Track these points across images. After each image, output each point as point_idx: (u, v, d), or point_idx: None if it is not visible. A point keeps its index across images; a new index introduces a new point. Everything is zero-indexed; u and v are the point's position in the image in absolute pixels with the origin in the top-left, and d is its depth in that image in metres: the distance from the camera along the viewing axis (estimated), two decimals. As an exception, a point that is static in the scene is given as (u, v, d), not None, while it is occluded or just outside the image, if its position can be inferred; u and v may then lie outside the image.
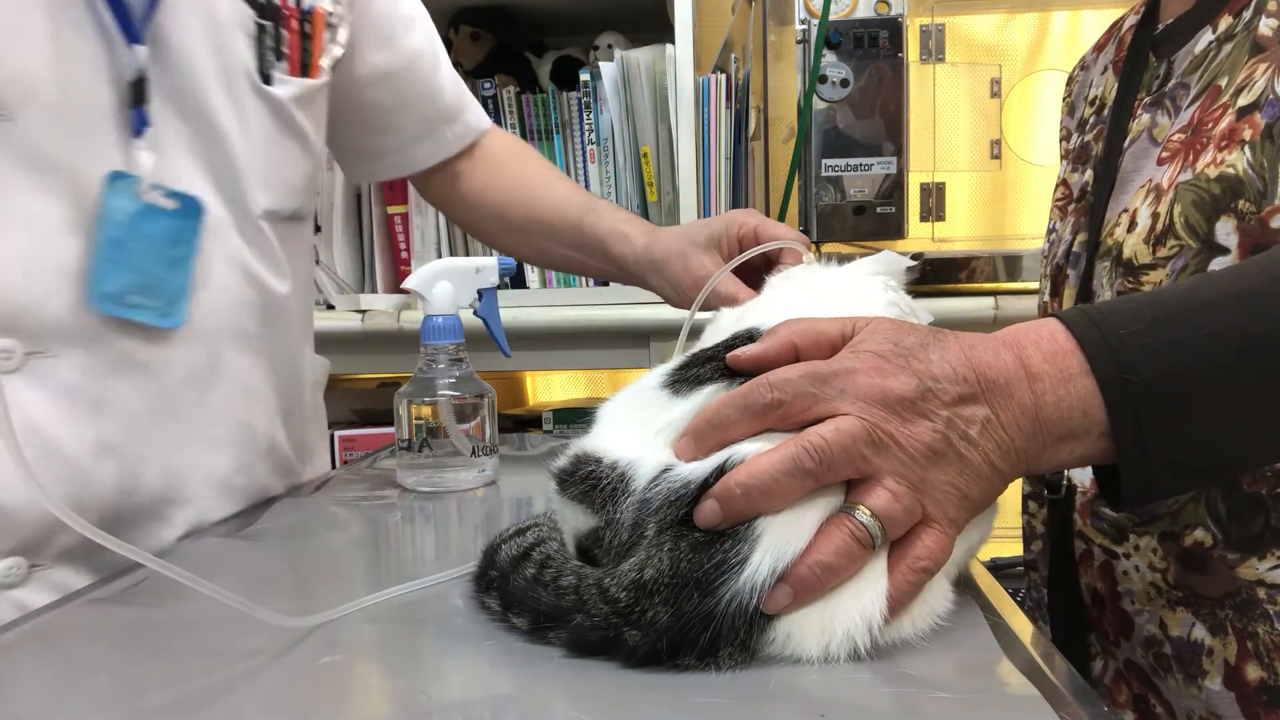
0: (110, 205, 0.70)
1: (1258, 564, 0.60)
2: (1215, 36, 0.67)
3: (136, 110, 0.71)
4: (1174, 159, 0.65)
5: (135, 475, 0.73)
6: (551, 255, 1.07)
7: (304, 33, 0.83)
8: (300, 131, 0.84)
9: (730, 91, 1.61)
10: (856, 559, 0.45)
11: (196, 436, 0.77)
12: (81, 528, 0.48)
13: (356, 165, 1.07)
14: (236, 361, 0.80)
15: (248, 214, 0.79)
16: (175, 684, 0.47)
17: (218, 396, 0.78)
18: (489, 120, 1.08)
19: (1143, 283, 0.65)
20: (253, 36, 0.78)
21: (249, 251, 0.80)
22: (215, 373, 0.78)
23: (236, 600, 0.50)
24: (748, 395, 0.47)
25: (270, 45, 0.80)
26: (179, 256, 0.74)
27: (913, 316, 0.61)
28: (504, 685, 0.46)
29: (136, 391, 0.73)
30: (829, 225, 1.55)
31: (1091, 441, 0.48)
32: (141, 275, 0.72)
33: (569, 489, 0.51)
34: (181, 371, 0.75)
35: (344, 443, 1.68)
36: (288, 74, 0.82)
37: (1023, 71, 1.89)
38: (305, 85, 0.83)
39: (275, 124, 0.81)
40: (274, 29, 0.80)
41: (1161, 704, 0.67)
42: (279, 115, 0.81)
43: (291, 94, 0.82)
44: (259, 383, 0.83)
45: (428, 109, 1.02)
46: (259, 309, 0.81)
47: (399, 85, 0.98)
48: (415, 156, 1.04)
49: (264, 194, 0.80)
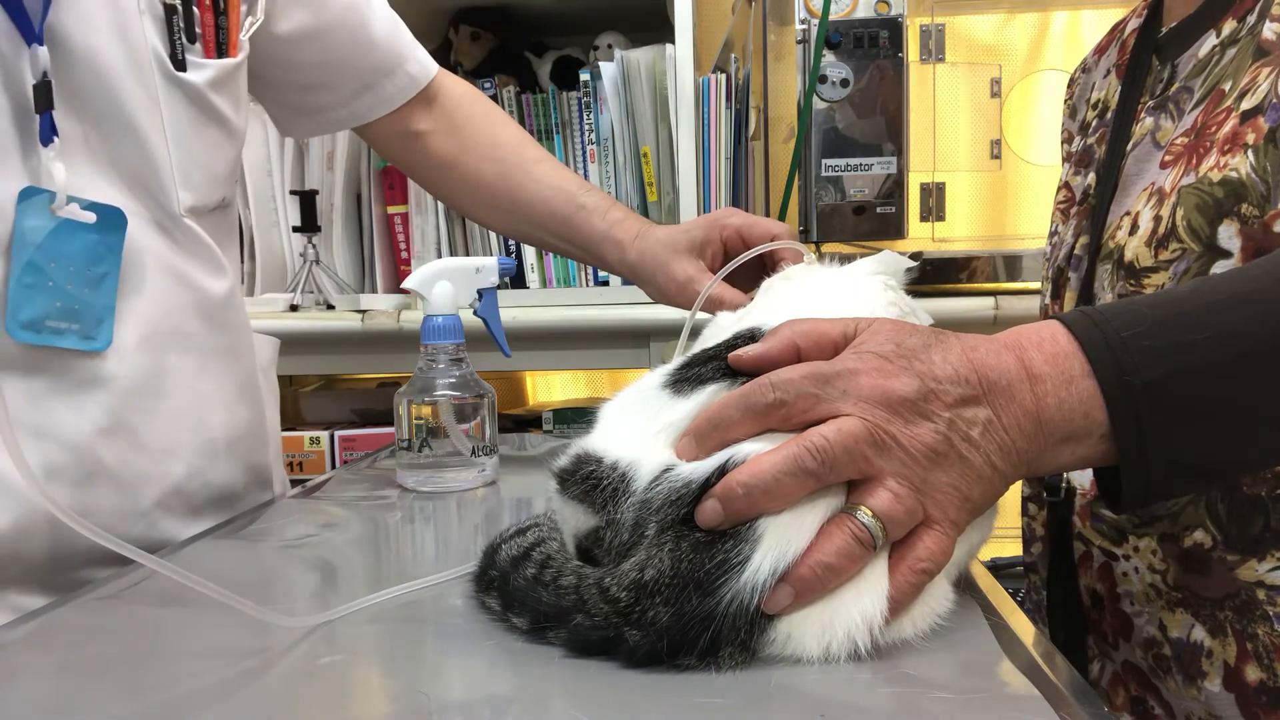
0: (22, 225, 0.65)
1: (1257, 565, 0.60)
2: (1219, 40, 0.67)
3: (43, 117, 0.65)
4: (1177, 162, 0.65)
5: (87, 496, 0.70)
6: (535, 239, 1.05)
7: (217, 9, 0.76)
8: (220, 116, 0.78)
9: (730, 91, 1.61)
10: (857, 559, 0.45)
11: (148, 448, 0.74)
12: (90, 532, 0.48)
13: (294, 122, 1.01)
14: (181, 365, 0.76)
15: (172, 214, 0.75)
16: (175, 684, 0.47)
17: (167, 404, 0.75)
18: (434, 67, 1.02)
19: (1144, 286, 0.65)
20: (161, 20, 0.72)
21: (178, 253, 0.76)
22: (160, 381, 0.75)
23: (236, 600, 0.50)
24: (750, 395, 0.47)
25: (181, 27, 0.74)
26: (101, 274, 0.70)
27: (913, 317, 0.61)
28: (504, 685, 0.46)
29: (79, 412, 0.69)
30: (829, 225, 1.55)
31: (1093, 443, 0.48)
32: (62, 298, 0.67)
33: (570, 489, 0.51)
34: (125, 385, 0.72)
35: (344, 443, 1.68)
36: (203, 56, 0.76)
37: (1023, 71, 1.89)
38: (223, 66, 0.77)
39: (193, 113, 0.76)
40: (184, 9, 0.74)
41: (1161, 705, 0.67)
42: (197, 103, 0.76)
43: (209, 78, 0.76)
44: (209, 381, 0.79)
45: (362, 63, 0.96)
46: (197, 308, 0.78)
47: (327, 41, 0.93)
48: (355, 111, 0.98)
49: (187, 191, 0.76)
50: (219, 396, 0.81)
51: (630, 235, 0.95)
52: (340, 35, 0.93)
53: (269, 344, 0.98)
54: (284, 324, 1.53)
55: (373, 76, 0.97)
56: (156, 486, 0.75)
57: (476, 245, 1.68)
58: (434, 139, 1.02)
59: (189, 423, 0.78)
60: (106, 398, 0.71)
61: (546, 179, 1.00)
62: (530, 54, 1.83)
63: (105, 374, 0.71)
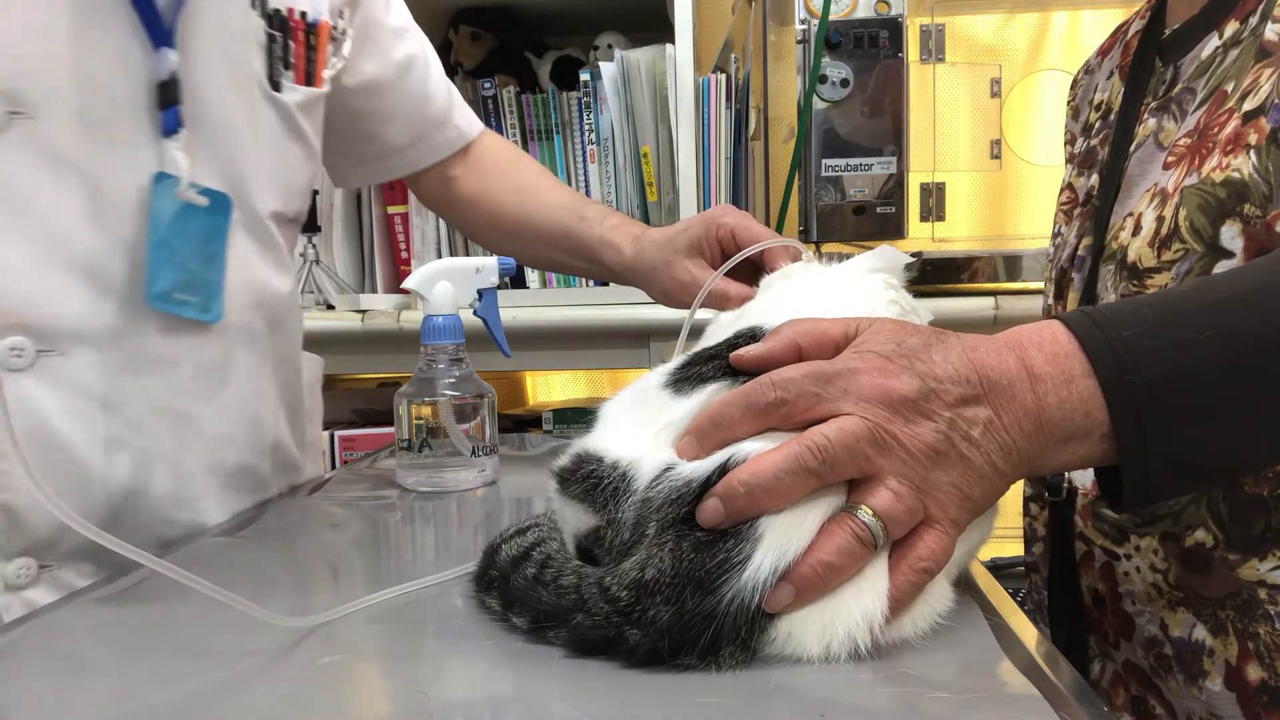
0: (156, 207, 0.72)
1: (1259, 565, 0.60)
2: (1221, 42, 0.67)
3: (169, 111, 0.72)
4: (1179, 163, 0.65)
5: (144, 473, 0.74)
6: (544, 260, 1.09)
7: (309, 44, 0.86)
8: (305, 137, 0.86)
9: (730, 91, 1.61)
10: (858, 558, 0.45)
11: (205, 435, 0.78)
12: (82, 528, 0.48)
13: (347, 171, 1.08)
14: (245, 360, 0.81)
15: (256, 215, 0.81)
16: (175, 684, 0.47)
17: (228, 395, 0.79)
18: (480, 125, 1.10)
19: (1147, 286, 0.65)
20: (263, 46, 0.81)
21: (258, 252, 0.82)
22: (226, 371, 0.79)
23: (236, 600, 0.50)
24: (751, 394, 0.47)
25: (279, 55, 0.82)
26: (213, 252, 0.76)
27: (913, 315, 0.60)
28: (504, 685, 0.46)
29: (146, 390, 0.73)
30: (829, 225, 1.55)
31: (1093, 443, 0.48)
32: (185, 272, 0.74)
33: (570, 488, 0.51)
34: (191, 370, 0.76)
35: (344, 443, 1.68)
36: (294, 82, 0.84)
37: (1023, 71, 1.89)
38: (310, 93, 0.86)
39: (283, 129, 0.83)
40: (282, 40, 0.83)
41: (1162, 705, 0.67)
42: (286, 121, 0.84)
43: (298, 101, 0.84)
44: (265, 381, 0.84)
45: (417, 115, 1.04)
46: (266, 308, 0.83)
47: (388, 94, 1.00)
48: (406, 160, 1.06)
49: (272, 196, 0.82)
50: (272, 398, 0.85)
51: (627, 238, 0.97)
52: (403, 88, 1.01)
53: (315, 363, 1.02)
54: (284, 324, 1.53)
55: (426, 128, 1.05)
56: (208, 475, 0.79)
57: (476, 246, 1.68)
58: (463, 180, 1.09)
59: (245, 417, 0.82)
60: (175, 380, 0.75)
61: (554, 200, 1.06)
62: (530, 54, 1.83)
63: (176, 357, 0.75)
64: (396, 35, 1.00)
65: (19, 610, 0.67)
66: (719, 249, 0.88)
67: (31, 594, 0.69)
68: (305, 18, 0.85)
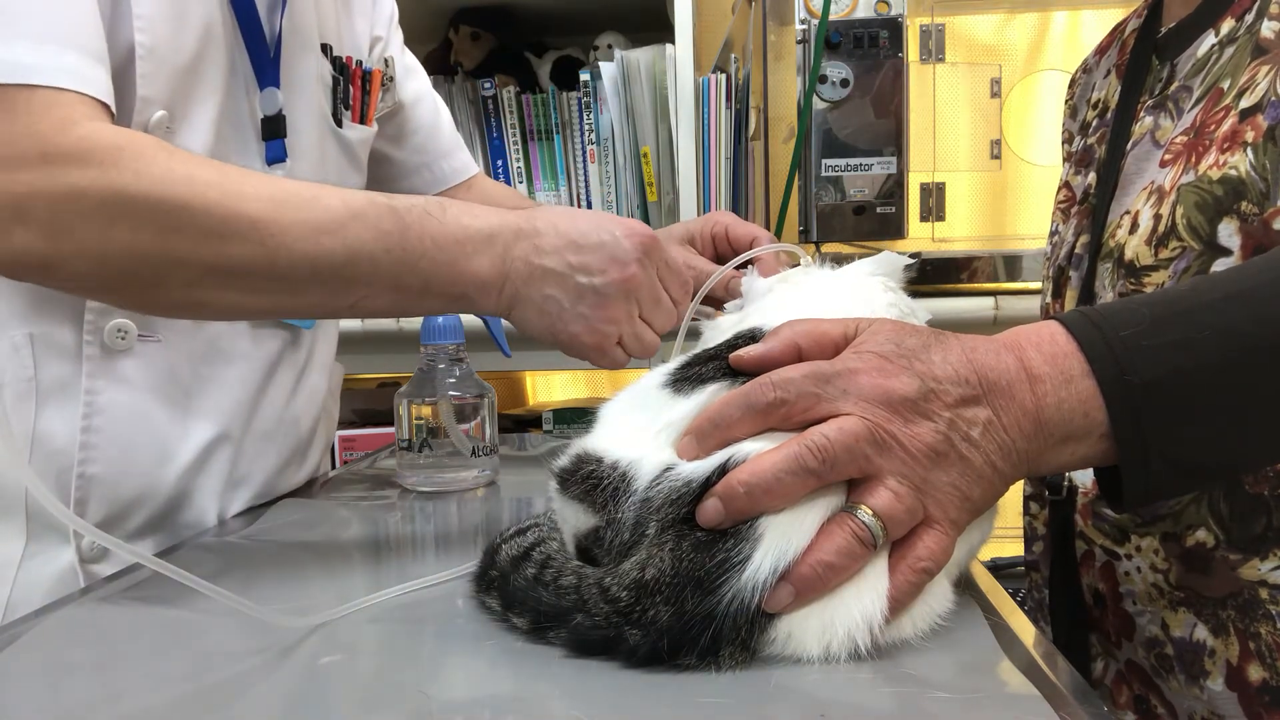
0: None
1: (1260, 564, 0.60)
2: (1218, 40, 0.67)
3: (274, 142, 0.81)
4: (1176, 161, 0.65)
5: (208, 457, 0.79)
6: None
7: (364, 88, 0.96)
8: (361, 168, 0.96)
9: (730, 91, 1.60)
10: (858, 558, 0.45)
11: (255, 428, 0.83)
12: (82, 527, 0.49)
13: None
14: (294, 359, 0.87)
15: None
16: (175, 684, 0.47)
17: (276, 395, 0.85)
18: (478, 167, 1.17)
19: (1145, 284, 0.65)
20: (329, 87, 0.89)
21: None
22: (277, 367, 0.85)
23: (236, 600, 0.50)
24: (750, 394, 0.47)
25: (341, 97, 0.91)
26: None
27: (912, 317, 0.61)
28: (504, 685, 0.46)
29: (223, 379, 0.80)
30: (829, 225, 1.55)
31: (1093, 443, 0.48)
32: None
33: (570, 488, 0.51)
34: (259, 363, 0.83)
35: (344, 443, 1.68)
36: (352, 121, 0.93)
37: (1023, 71, 1.89)
38: (365, 131, 0.96)
39: (346, 160, 0.92)
40: (344, 84, 0.92)
41: (1163, 704, 0.67)
42: (347, 152, 0.92)
43: (356, 137, 0.93)
44: (305, 383, 0.90)
45: (427, 144, 1.09)
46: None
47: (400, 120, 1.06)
48: (412, 184, 1.10)
49: None
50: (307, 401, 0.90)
51: None
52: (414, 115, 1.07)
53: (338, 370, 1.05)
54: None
55: (432, 156, 1.10)
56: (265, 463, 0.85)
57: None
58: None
59: (287, 414, 0.87)
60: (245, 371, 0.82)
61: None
62: (530, 54, 1.83)
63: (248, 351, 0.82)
64: (409, 71, 1.07)
65: (85, 581, 0.72)
66: (711, 244, 0.90)
67: (99, 568, 0.74)
68: (361, 65, 0.94)
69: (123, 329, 0.73)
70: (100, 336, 0.73)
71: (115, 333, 0.73)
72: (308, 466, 0.94)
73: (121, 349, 0.73)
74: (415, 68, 1.09)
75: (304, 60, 0.85)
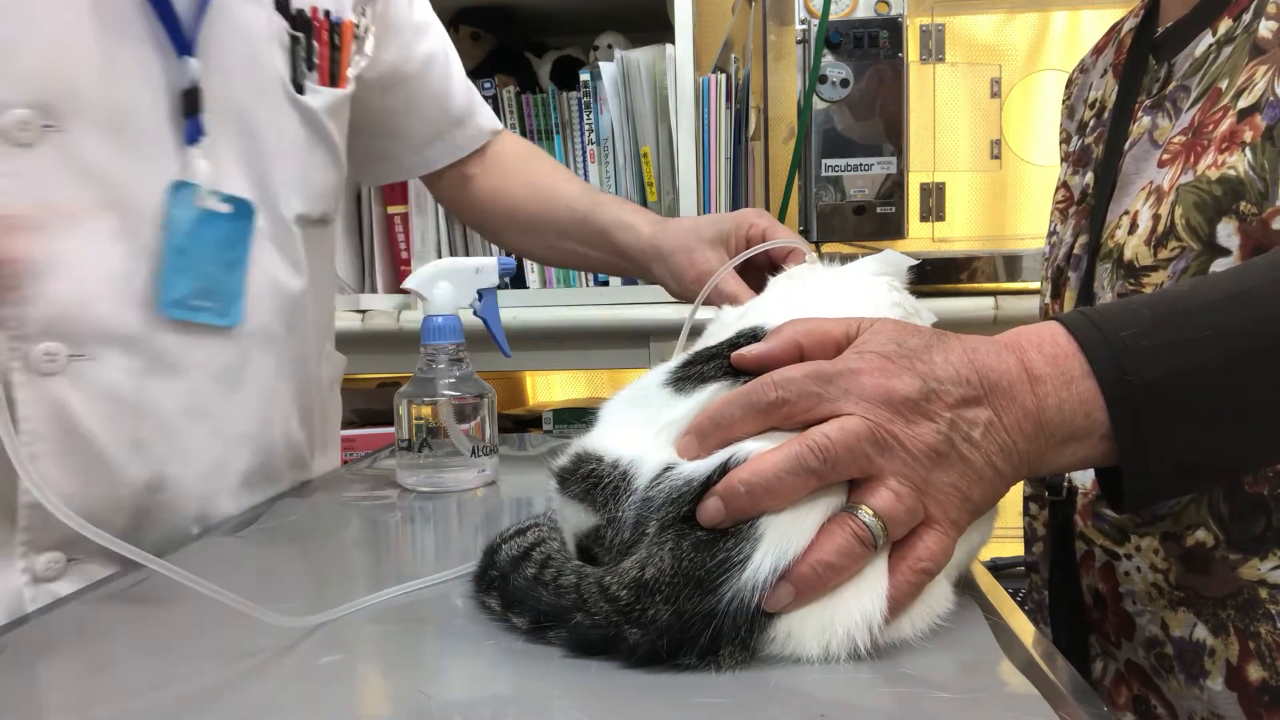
0: (173, 215, 0.73)
1: (1259, 564, 0.60)
2: (1215, 39, 0.67)
3: (191, 119, 0.73)
4: (1175, 161, 0.65)
5: (167, 471, 0.75)
6: (557, 251, 1.08)
7: (333, 44, 0.86)
8: (330, 139, 0.87)
9: (730, 91, 1.61)
10: (858, 558, 0.45)
11: (222, 435, 0.79)
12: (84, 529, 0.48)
13: (366, 168, 1.07)
14: (262, 362, 0.82)
15: (281, 218, 0.82)
16: (175, 684, 0.47)
17: (243, 396, 0.80)
18: (498, 122, 1.09)
19: (1144, 284, 0.65)
20: (286, 48, 0.81)
21: (278, 255, 0.82)
22: (243, 373, 0.80)
23: (236, 600, 0.50)
24: (752, 393, 0.47)
25: (303, 56, 0.82)
26: (235, 258, 0.77)
27: (916, 317, 0.60)
28: (504, 685, 0.46)
29: (169, 392, 0.74)
30: (829, 225, 1.55)
31: (1093, 443, 0.48)
32: (203, 279, 0.75)
33: (570, 487, 0.51)
34: (214, 371, 0.77)
35: (344, 443, 1.67)
36: (318, 84, 0.84)
37: (1023, 71, 1.89)
38: (335, 95, 0.86)
39: (307, 132, 0.84)
40: (306, 41, 0.82)
41: (1163, 704, 0.67)
42: (311, 124, 0.84)
43: (323, 104, 0.84)
44: (280, 382, 0.85)
45: (438, 113, 1.03)
46: (283, 311, 0.83)
47: (410, 91, 1.00)
48: (425, 159, 1.05)
49: (297, 199, 0.83)
50: (287, 400, 0.86)
51: (645, 220, 0.97)
52: (422, 83, 1.01)
53: (337, 362, 1.02)
54: (284, 324, 1.53)
55: (445, 125, 1.04)
56: (225, 473, 0.80)
57: (476, 245, 1.68)
58: (480, 179, 1.09)
59: (260, 418, 0.83)
60: (196, 382, 0.76)
61: (570, 189, 1.06)
62: (530, 54, 1.83)
63: (199, 359, 0.76)
64: (419, 31, 1.00)
65: (44, 601, 0.69)
66: (746, 248, 0.86)
67: (58, 586, 0.70)
68: (329, 16, 0.84)
69: (51, 352, 0.68)
70: (26, 360, 0.67)
71: (43, 356, 0.68)
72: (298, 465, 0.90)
73: (52, 371, 0.68)
74: (427, 24, 1.01)
75: (244, 17, 0.77)
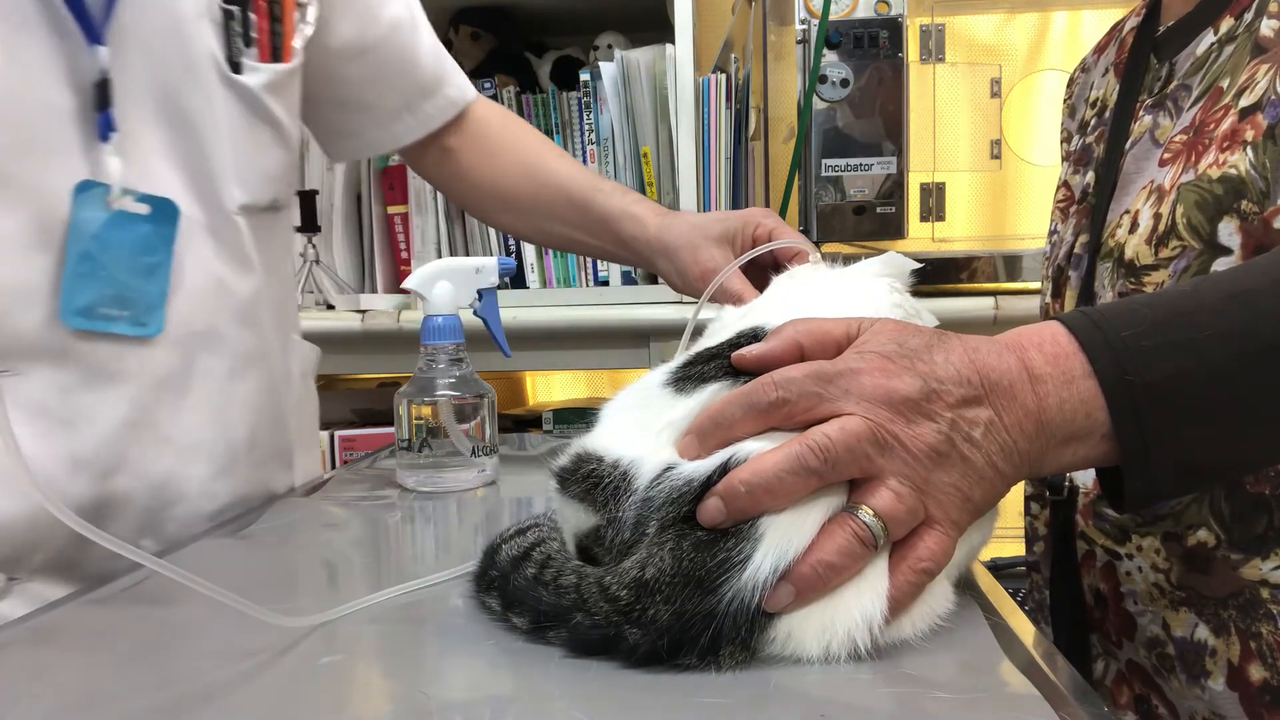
0: (79, 217, 0.68)
1: (1261, 564, 0.60)
2: (1217, 38, 0.67)
3: (102, 114, 0.68)
4: (1176, 160, 0.65)
5: (109, 489, 0.71)
6: (549, 235, 1.04)
7: (273, 15, 0.79)
8: (274, 120, 0.80)
9: (730, 91, 1.60)
10: (859, 558, 0.45)
11: (173, 445, 0.75)
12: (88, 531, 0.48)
13: (334, 143, 1.03)
14: (211, 365, 0.78)
15: (222, 211, 0.77)
16: (175, 684, 0.47)
17: (192, 402, 0.76)
18: (473, 91, 1.04)
19: (1145, 284, 0.65)
20: (219, 24, 0.75)
21: (220, 253, 0.78)
22: (189, 379, 0.76)
23: (236, 600, 0.50)
24: (752, 393, 0.47)
25: (238, 31, 0.76)
26: (154, 263, 0.72)
27: (917, 319, 0.60)
28: (504, 685, 0.46)
29: (108, 404, 0.71)
30: (829, 225, 1.55)
31: (1094, 443, 0.48)
32: (114, 286, 0.70)
33: (570, 487, 0.51)
34: (153, 381, 0.73)
35: (344, 443, 1.68)
36: (258, 60, 0.78)
37: (1023, 71, 1.89)
38: (277, 71, 0.80)
39: (247, 114, 0.78)
40: (241, 14, 0.76)
41: (1164, 704, 0.67)
42: (251, 105, 0.78)
43: (263, 81, 0.78)
44: (237, 384, 0.80)
45: (405, 83, 0.98)
46: (230, 309, 0.79)
47: (374, 59, 0.94)
48: (394, 133, 1.00)
49: (239, 188, 0.78)
50: (246, 400, 0.82)
51: (651, 212, 0.94)
52: (387, 52, 0.95)
53: (311, 352, 0.98)
54: (284, 324, 1.53)
55: (414, 96, 0.99)
56: (179, 483, 0.76)
57: (476, 245, 1.68)
58: (463, 154, 1.04)
59: (216, 422, 0.79)
60: (135, 392, 0.72)
61: (565, 171, 1.01)
62: (530, 54, 1.83)
63: (135, 369, 0.72)
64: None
65: None
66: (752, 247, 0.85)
67: (5, 607, 0.67)
68: None
69: None
70: None
71: None
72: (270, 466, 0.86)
73: None
74: None
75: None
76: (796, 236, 0.84)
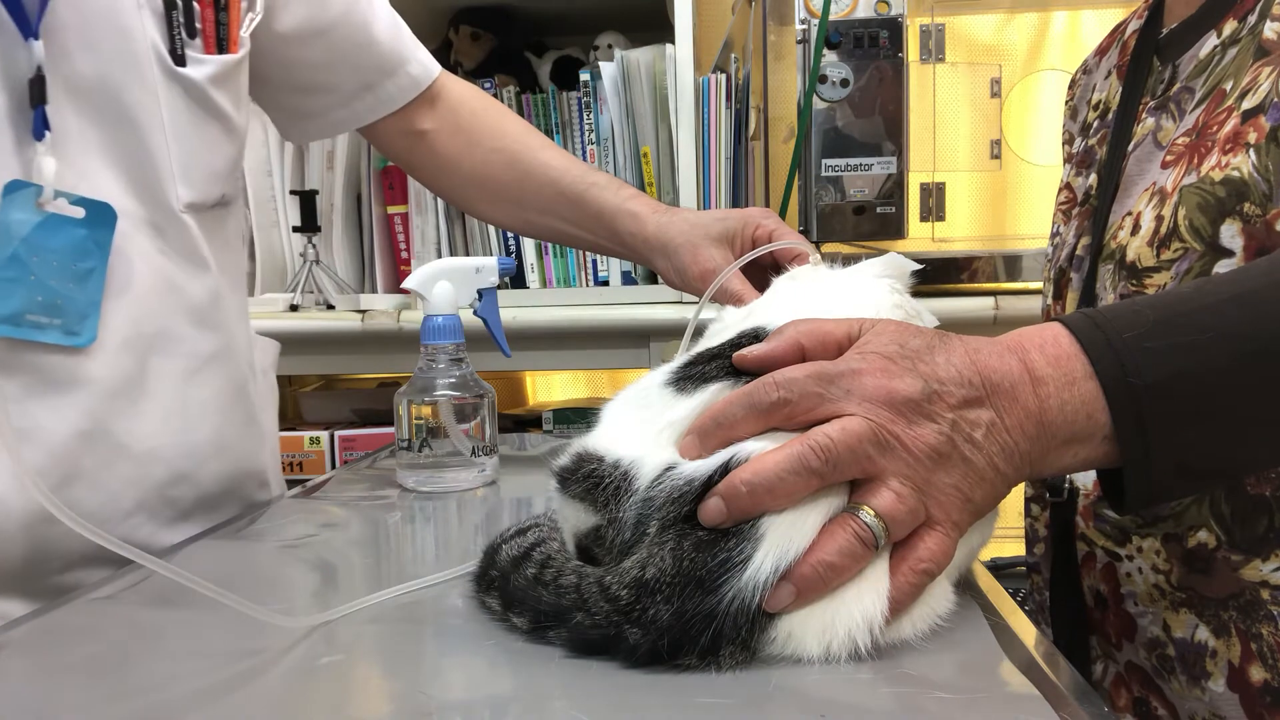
0: (7, 219, 0.65)
1: (1261, 565, 0.60)
2: (1220, 41, 0.67)
3: (36, 111, 0.65)
4: (1178, 162, 0.65)
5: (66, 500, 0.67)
6: (537, 227, 1.02)
7: (218, 4, 0.76)
8: (221, 113, 0.77)
9: (730, 91, 1.60)
10: (859, 559, 0.45)
11: (129, 453, 0.73)
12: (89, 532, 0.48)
13: (293, 126, 1.00)
14: (166, 368, 0.75)
15: (169, 210, 0.74)
16: (174, 684, 0.46)
17: (150, 407, 0.74)
18: (437, 68, 1.00)
19: (1146, 286, 0.65)
20: (161, 15, 0.72)
21: (169, 253, 0.75)
22: (143, 384, 0.73)
23: (236, 600, 0.50)
24: (753, 394, 0.47)
25: (181, 22, 0.73)
26: (88, 269, 0.69)
27: (918, 319, 0.60)
28: (504, 685, 0.46)
29: (58, 414, 0.68)
30: (829, 225, 1.54)
31: (1095, 445, 0.48)
32: (44, 292, 0.67)
33: (571, 487, 0.51)
34: (105, 387, 0.71)
35: (344, 443, 1.67)
36: (203, 52, 0.75)
37: (1023, 71, 1.89)
38: (223, 62, 0.77)
39: (193, 109, 0.75)
40: (184, 3, 0.73)
41: (1164, 706, 0.67)
42: (197, 99, 0.75)
43: (208, 74, 0.75)
44: (196, 384, 0.78)
45: (363, 62, 0.94)
46: (184, 310, 0.76)
47: (328, 41, 0.91)
48: (355, 112, 0.97)
49: (185, 187, 0.75)
50: (208, 400, 0.79)
51: (648, 209, 0.92)
52: (342, 34, 0.92)
53: (270, 347, 0.97)
54: (284, 324, 1.53)
55: (374, 76, 0.95)
56: (138, 490, 0.74)
57: (476, 245, 1.68)
58: (438, 137, 1.00)
59: (173, 426, 0.76)
60: (86, 399, 0.70)
61: (554, 162, 0.98)
62: (530, 54, 1.83)
63: (85, 375, 0.69)
64: None
65: None
66: (752, 248, 0.85)
67: None
68: None
69: None
70: None
71: None
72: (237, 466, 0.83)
73: None
74: None
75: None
76: (796, 237, 0.84)
